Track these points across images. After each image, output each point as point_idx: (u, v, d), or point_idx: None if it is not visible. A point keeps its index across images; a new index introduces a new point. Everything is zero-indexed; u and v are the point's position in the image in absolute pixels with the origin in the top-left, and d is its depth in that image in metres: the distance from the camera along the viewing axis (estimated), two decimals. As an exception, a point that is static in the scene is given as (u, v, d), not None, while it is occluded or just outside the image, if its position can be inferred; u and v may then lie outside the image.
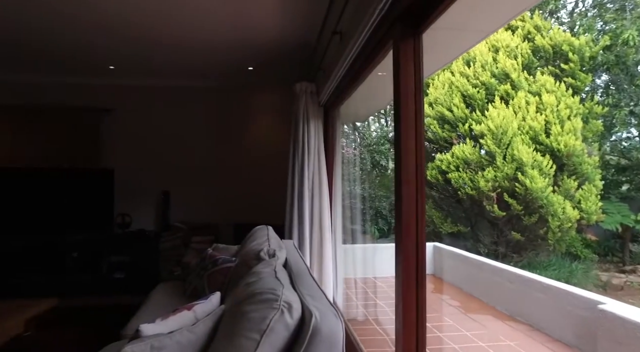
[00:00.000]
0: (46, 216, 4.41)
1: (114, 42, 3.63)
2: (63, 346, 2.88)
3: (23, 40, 3.58)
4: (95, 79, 4.75)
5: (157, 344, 1.21)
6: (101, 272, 4.27)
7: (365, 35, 1.94)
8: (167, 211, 4.71)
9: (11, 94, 4.68)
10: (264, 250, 2.16)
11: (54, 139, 4.68)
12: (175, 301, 2.56)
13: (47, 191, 4.44)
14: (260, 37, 3.54)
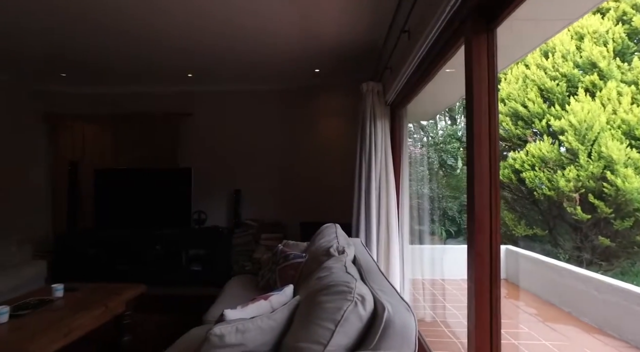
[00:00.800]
0: (139, 211, 4.91)
1: (192, 52, 3.94)
2: (155, 327, 3.21)
3: (116, 61, 4.07)
4: (175, 86, 5.20)
5: (241, 327, 1.32)
6: (181, 264, 4.64)
7: (435, 32, 1.93)
8: (238, 208, 4.99)
9: (111, 104, 5.30)
10: (334, 247, 2.23)
11: (143, 142, 5.20)
12: (249, 292, 2.73)
13: (139, 189, 4.93)
14: (326, 40, 3.63)
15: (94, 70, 4.57)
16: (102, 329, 3.08)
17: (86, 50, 3.88)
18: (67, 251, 4.73)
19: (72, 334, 2.17)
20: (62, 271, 4.64)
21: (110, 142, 5.26)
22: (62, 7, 2.96)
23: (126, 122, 5.22)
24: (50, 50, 3.89)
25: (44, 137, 5.33)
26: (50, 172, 5.36)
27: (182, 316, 3.55)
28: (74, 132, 5.30)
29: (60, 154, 5.31)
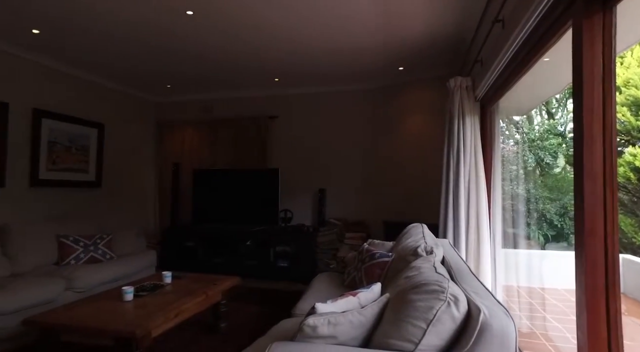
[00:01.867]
0: (232, 208, 5.30)
1: (280, 58, 4.15)
2: (247, 316, 3.44)
3: (212, 71, 4.43)
4: (263, 91, 5.51)
5: (332, 320, 1.36)
6: (269, 260, 4.90)
7: (535, 18, 1.78)
8: (322, 207, 5.12)
9: (207, 110, 5.81)
10: (421, 247, 2.18)
11: (235, 144, 5.60)
12: (335, 289, 2.79)
13: (232, 188, 5.33)
14: (410, 37, 3.56)
15: (193, 81, 5.06)
16: (202, 314, 3.40)
17: (187, 63, 4.31)
18: (170, 243, 5.29)
19: (180, 315, 2.43)
20: (167, 260, 5.21)
21: (207, 144, 5.75)
22: (168, 32, 3.34)
23: (220, 126, 5.67)
24: (159, 67, 4.40)
25: (155, 141, 6.03)
26: (157, 173, 6.05)
27: (271, 308, 3.75)
28: (176, 136, 5.92)
29: (166, 156, 5.96)
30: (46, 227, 3.76)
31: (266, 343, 1.89)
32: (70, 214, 4.53)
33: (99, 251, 3.88)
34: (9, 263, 3.36)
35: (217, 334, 3.04)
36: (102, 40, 3.67)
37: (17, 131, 3.95)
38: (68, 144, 4.53)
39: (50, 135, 4.30)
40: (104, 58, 4.19)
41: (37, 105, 4.15)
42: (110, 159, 5.15)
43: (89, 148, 4.81)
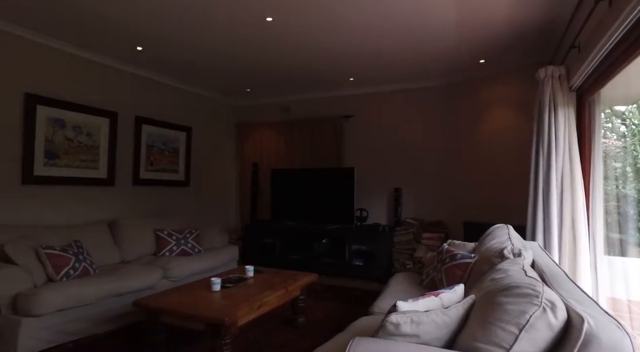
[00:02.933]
0: (308, 207, 5.45)
1: (355, 57, 4.16)
2: (323, 312, 3.52)
3: (290, 74, 4.59)
4: (338, 91, 5.58)
5: (415, 318, 1.34)
6: (344, 258, 4.95)
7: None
8: (398, 207, 5.03)
9: (281, 112, 6.04)
10: (508, 248, 2.05)
11: (311, 144, 5.75)
12: (413, 288, 2.73)
13: (308, 186, 5.47)
14: (493, 27, 3.35)
15: (270, 84, 5.29)
16: (282, 308, 3.54)
17: (265, 68, 4.52)
18: (250, 239, 5.59)
19: (263, 307, 2.56)
20: (247, 255, 5.51)
21: (284, 144, 5.97)
22: (248, 40, 3.54)
23: (297, 127, 5.85)
24: (240, 73, 4.68)
25: (235, 143, 6.42)
26: (238, 172, 6.43)
27: (347, 305, 3.78)
28: (255, 138, 6.23)
29: (245, 157, 6.31)
30: (146, 222, 4.20)
31: (346, 338, 1.92)
32: (164, 210, 5.01)
33: (189, 245, 4.24)
34: (119, 252, 3.83)
35: (296, 328, 3.14)
36: (191, 52, 4.01)
37: (122, 137, 4.47)
38: (162, 146, 5.01)
39: (148, 139, 4.80)
40: (192, 68, 4.57)
41: (138, 113, 4.66)
42: (197, 160, 5.60)
43: (179, 150, 5.28)
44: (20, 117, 3.54)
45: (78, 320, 2.86)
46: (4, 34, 3.40)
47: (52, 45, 3.75)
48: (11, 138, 3.48)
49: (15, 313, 2.62)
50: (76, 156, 3.98)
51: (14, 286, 2.66)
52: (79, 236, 3.52)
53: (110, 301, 3.07)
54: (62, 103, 3.83)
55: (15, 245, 2.86)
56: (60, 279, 2.92)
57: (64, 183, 3.87)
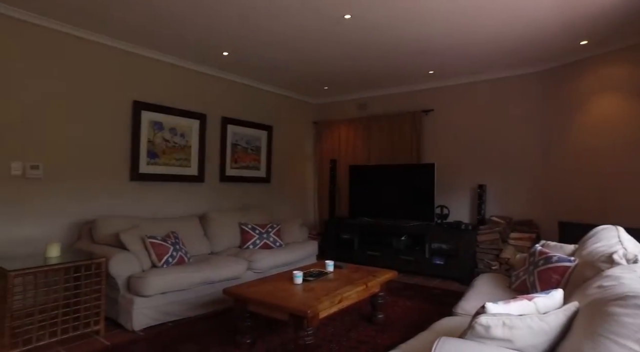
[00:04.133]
0: (387, 203, 5.40)
1: (437, 48, 4.00)
2: (402, 310, 3.46)
3: (366, 70, 4.56)
4: (417, 85, 5.41)
5: (508, 322, 1.25)
6: (424, 256, 4.80)
7: None
8: (482, 204, 4.75)
9: (358, 108, 6.04)
10: (619, 253, 1.82)
11: (389, 140, 5.67)
12: (501, 291, 2.56)
13: (386, 183, 5.41)
14: (598, 2, 2.98)
15: (348, 81, 5.31)
16: (361, 303, 3.55)
17: (343, 65, 4.55)
18: (328, 235, 5.69)
19: (343, 302, 2.59)
20: (326, 250, 5.62)
21: (362, 141, 5.97)
22: (327, 38, 3.58)
23: (374, 123, 5.81)
24: (317, 71, 4.76)
25: (313, 140, 6.57)
26: (316, 169, 6.57)
27: (426, 304, 3.67)
28: (333, 134, 6.31)
29: (323, 154, 6.42)
30: (231, 216, 4.50)
31: (429, 338, 1.87)
32: (247, 205, 5.32)
33: (271, 239, 4.44)
34: (209, 243, 4.16)
35: (374, 325, 3.13)
36: (273, 54, 4.18)
37: (210, 137, 4.83)
38: (245, 145, 5.32)
39: (233, 138, 5.13)
40: (273, 69, 4.77)
41: (224, 114, 5.00)
42: (277, 157, 5.84)
43: (261, 148, 5.55)
44: (129, 121, 4.01)
45: (176, 303, 3.17)
46: (117, 50, 3.88)
47: (153, 57, 4.18)
48: (123, 140, 3.96)
49: (129, 292, 3.00)
50: (172, 155, 4.40)
51: (128, 269, 3.04)
52: (175, 227, 3.90)
53: (202, 287, 3.36)
54: (161, 108, 4.26)
55: (127, 233, 3.26)
56: (162, 266, 3.25)
57: (162, 180, 4.30)
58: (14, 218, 3.26)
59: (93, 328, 2.87)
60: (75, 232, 3.63)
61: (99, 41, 3.75)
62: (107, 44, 3.81)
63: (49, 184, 3.46)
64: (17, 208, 3.28)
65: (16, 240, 3.27)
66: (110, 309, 3.10)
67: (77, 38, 3.62)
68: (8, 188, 3.23)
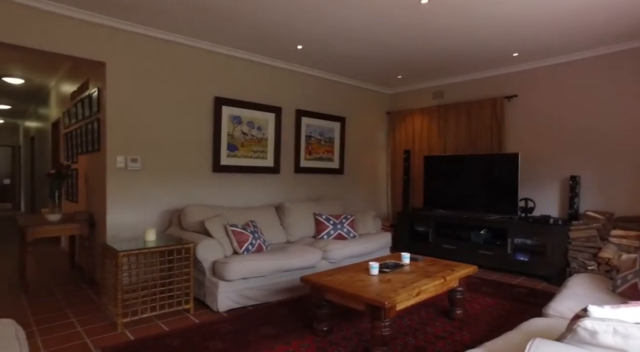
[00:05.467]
0: (464, 196, 5.15)
1: (522, 28, 3.67)
2: (484, 307, 3.29)
3: (442, 56, 4.34)
4: (498, 70, 5.04)
5: (621, 329, 1.12)
6: (505, 252, 4.50)
7: None
8: (575, 197, 4.31)
9: (434, 97, 5.80)
10: None
11: (467, 129, 5.38)
12: (601, 294, 2.32)
13: (464, 174, 5.16)
14: None
15: (423, 69, 5.11)
16: (437, 298, 3.45)
17: (418, 53, 4.38)
18: (402, 226, 5.58)
19: (421, 295, 2.53)
20: (399, 242, 5.52)
21: (437, 130, 5.73)
22: (402, 25, 3.47)
23: (451, 111, 5.54)
24: (391, 60, 4.65)
25: (386, 130, 6.47)
26: (389, 160, 6.47)
27: (509, 303, 3.44)
28: (407, 124, 6.14)
29: (397, 144, 6.29)
30: (306, 206, 4.61)
31: (518, 338, 1.76)
32: (321, 196, 5.41)
33: (345, 229, 4.47)
34: (285, 232, 4.32)
35: (452, 320, 3.02)
36: (347, 44, 4.16)
37: (285, 129, 4.98)
38: (319, 137, 5.39)
39: (307, 130, 5.23)
40: (346, 60, 4.75)
41: (298, 107, 5.12)
42: (350, 148, 5.85)
43: (334, 140, 5.59)
44: (211, 116, 4.28)
45: (255, 288, 3.34)
46: (199, 50, 4.15)
47: (231, 54, 4.40)
48: (206, 134, 4.25)
49: (214, 276, 3.23)
50: (250, 148, 4.61)
51: (213, 254, 3.27)
52: (253, 216, 4.10)
53: (279, 275, 3.50)
54: (240, 102, 4.48)
55: (211, 221, 3.50)
56: (242, 253, 3.44)
57: (241, 171, 4.53)
58: (119, 205, 3.67)
59: (184, 306, 3.14)
60: (166, 219, 3.98)
61: (183, 43, 4.03)
62: (190, 44, 4.08)
63: (145, 175, 3.83)
64: (121, 196, 3.68)
65: (120, 224, 3.68)
66: (198, 290, 3.37)
67: (164, 41, 3.93)
68: (114, 178, 3.64)
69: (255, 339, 2.66)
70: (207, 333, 2.76)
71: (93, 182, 4.08)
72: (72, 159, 4.92)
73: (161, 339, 2.66)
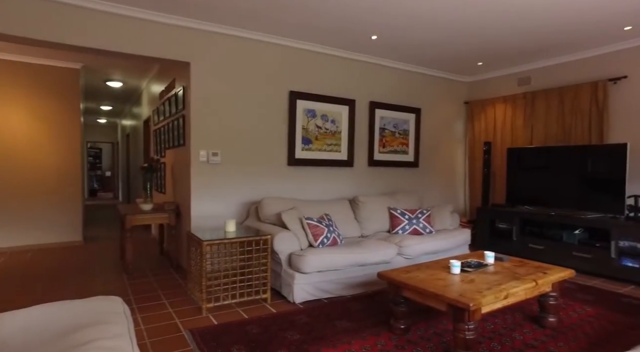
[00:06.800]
0: (555, 191, 4.67)
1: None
2: (582, 317, 2.94)
3: (533, 37, 3.93)
4: (602, 48, 4.45)
5: None
6: (608, 255, 3.99)
7: None
8: (699, 195, 3.67)
9: (519, 83, 5.32)
10: None
11: (558, 117, 4.86)
12: None
13: (555, 168, 4.68)
14: None
15: (507, 54, 4.69)
16: (525, 303, 3.17)
17: (502, 36, 4.02)
18: (481, 223, 5.22)
19: (509, 299, 2.33)
20: (478, 240, 5.18)
21: (522, 120, 5.26)
22: (483, 9, 3.19)
23: (539, 99, 5.04)
24: (470, 46, 4.33)
25: (464, 121, 6.10)
26: (467, 152, 6.09)
27: (614, 314, 3.04)
28: (487, 114, 5.72)
29: (475, 136, 5.90)
30: (380, 200, 4.51)
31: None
32: (395, 190, 5.27)
33: (420, 225, 4.30)
34: (359, 226, 4.27)
35: (544, 328, 2.75)
36: (425, 32, 3.96)
37: (359, 122, 4.91)
38: (393, 129, 5.24)
39: (380, 122, 5.11)
40: (423, 49, 4.53)
41: (372, 99, 5.01)
42: (425, 140, 5.61)
43: (409, 132, 5.39)
44: (286, 111, 4.36)
45: (330, 281, 3.34)
46: (274, 45, 4.23)
47: (305, 48, 4.42)
48: (281, 128, 4.34)
49: (290, 268, 3.29)
50: (324, 141, 4.62)
51: (289, 246, 3.33)
52: (328, 210, 4.10)
53: (354, 269, 3.46)
54: (313, 96, 4.50)
55: (288, 214, 3.57)
56: (318, 246, 3.46)
57: (315, 165, 4.56)
58: (202, 196, 3.90)
59: (261, 296, 3.24)
60: (244, 211, 4.15)
61: (260, 39, 4.13)
62: (266, 40, 4.17)
63: (224, 168, 4.02)
64: (203, 188, 3.91)
65: (203, 215, 3.91)
66: (275, 281, 3.46)
67: (242, 38, 4.06)
68: (197, 171, 3.87)
69: (331, 333, 2.66)
70: (283, 323, 2.82)
71: (178, 174, 4.39)
72: (161, 153, 5.34)
73: (242, 325, 2.77)
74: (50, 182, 5.43)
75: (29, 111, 5.31)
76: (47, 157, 5.41)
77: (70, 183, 5.56)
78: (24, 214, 5.28)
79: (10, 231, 5.22)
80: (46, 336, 1.58)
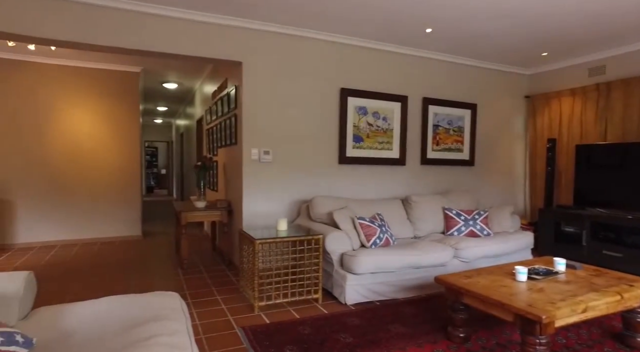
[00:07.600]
0: (632, 192, 4.24)
1: None
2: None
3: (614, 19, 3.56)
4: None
5: None
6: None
7: None
8: None
9: (590, 74, 4.87)
10: None
11: (637, 110, 4.38)
12: None
13: (631, 166, 4.24)
14: None
15: (577, 42, 4.30)
16: (607, 318, 2.86)
17: (571, 21, 3.68)
18: (544, 226, 4.85)
19: (587, 312, 2.10)
20: (541, 244, 4.81)
21: (593, 114, 4.81)
22: None
23: (614, 90, 4.58)
24: (532, 35, 4.00)
25: (524, 116, 5.70)
26: (527, 150, 5.69)
27: None
28: (551, 109, 5.31)
29: (537, 132, 5.49)
30: (434, 200, 4.31)
31: None
32: (449, 189, 5.03)
33: (477, 226, 4.06)
34: (412, 227, 4.11)
35: (631, 348, 2.46)
36: (483, 23, 3.72)
37: (411, 119, 4.73)
38: (447, 126, 5.00)
39: (434, 119, 4.89)
40: (480, 41, 4.26)
41: (425, 95, 4.81)
42: (482, 138, 5.30)
43: (464, 129, 5.12)
44: (337, 108, 4.29)
45: (383, 283, 3.23)
46: (323, 42, 4.17)
47: (355, 44, 4.32)
48: (332, 126, 4.27)
49: (342, 268, 3.22)
50: (375, 139, 4.50)
51: (341, 246, 3.26)
52: (379, 209, 3.98)
53: (407, 271, 3.32)
54: (365, 93, 4.39)
55: (339, 213, 3.50)
56: (370, 246, 3.36)
57: (366, 163, 4.45)
58: (253, 195, 3.93)
59: (313, 296, 3.20)
60: (295, 209, 4.13)
61: (310, 36, 4.09)
62: (316, 37, 4.12)
63: (275, 167, 4.02)
64: (255, 186, 3.93)
65: (254, 213, 3.94)
66: (326, 281, 3.40)
67: (292, 36, 4.04)
68: (249, 170, 3.90)
69: (385, 337, 2.55)
70: (335, 325, 2.75)
71: (230, 173, 4.47)
72: (213, 152, 5.48)
73: (293, 325, 2.74)
74: (113, 179, 5.77)
75: (94, 113, 5.66)
76: (110, 156, 5.75)
77: (131, 180, 5.87)
78: (92, 209, 5.65)
79: (82, 224, 5.61)
80: (110, 330, 1.63)
